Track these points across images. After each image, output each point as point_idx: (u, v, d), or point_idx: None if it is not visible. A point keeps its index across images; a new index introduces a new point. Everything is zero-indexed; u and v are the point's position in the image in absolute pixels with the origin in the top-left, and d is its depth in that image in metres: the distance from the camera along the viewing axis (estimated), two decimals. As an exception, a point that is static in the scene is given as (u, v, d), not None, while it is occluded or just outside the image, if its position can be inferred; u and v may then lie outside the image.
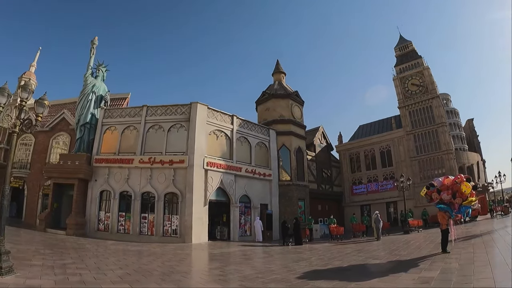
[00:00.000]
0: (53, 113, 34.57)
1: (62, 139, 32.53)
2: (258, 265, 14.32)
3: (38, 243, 17.90)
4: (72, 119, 31.01)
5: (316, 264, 13.68)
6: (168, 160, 24.88)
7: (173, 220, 24.02)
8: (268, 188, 29.42)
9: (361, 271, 11.82)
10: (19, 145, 34.58)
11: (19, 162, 34.03)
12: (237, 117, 28.48)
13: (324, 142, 38.84)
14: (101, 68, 30.18)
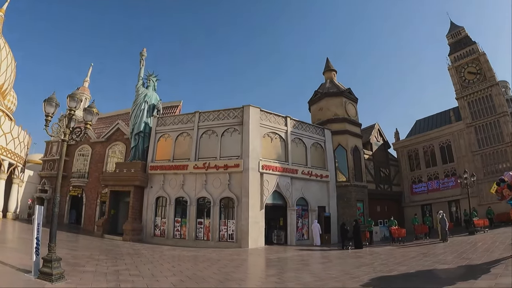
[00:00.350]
0: (108, 124, 35.86)
1: (117, 148, 33.20)
2: (318, 271, 13.40)
3: (94, 249, 17.91)
4: (127, 129, 31.52)
5: (380, 270, 12.50)
6: (222, 164, 24.29)
7: (229, 225, 23.42)
8: (325, 190, 28.03)
9: (430, 277, 10.80)
10: (77, 156, 36.02)
11: (77, 172, 35.30)
12: (291, 118, 27.40)
13: (381, 139, 36.80)
14: (152, 78, 30.44)
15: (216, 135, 25.65)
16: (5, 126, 31.07)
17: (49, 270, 8.72)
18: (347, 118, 30.81)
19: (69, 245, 18.48)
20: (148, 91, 29.64)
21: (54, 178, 36.43)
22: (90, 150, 35.20)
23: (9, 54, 36.06)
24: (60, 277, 8.78)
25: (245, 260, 17.39)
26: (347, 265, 14.91)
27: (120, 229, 25.60)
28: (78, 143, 36.27)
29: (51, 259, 8.85)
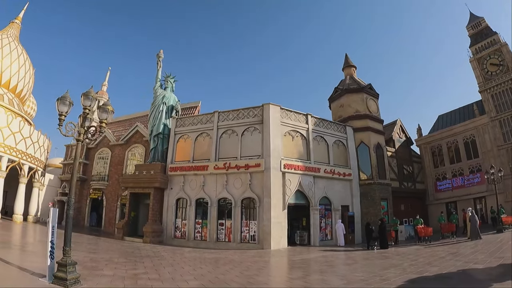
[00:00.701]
0: (127, 126, 35.84)
1: (137, 150, 32.93)
2: (345, 273, 12.69)
3: (113, 252, 17.49)
4: (146, 131, 31.18)
5: (410, 271, 11.71)
6: (243, 164, 23.53)
7: (251, 226, 22.63)
8: (348, 189, 27.03)
9: (465, 278, 10.26)
10: (97, 159, 36.04)
11: (97, 175, 35.24)
12: (312, 115, 26.47)
13: (403, 136, 35.53)
14: (169, 79, 29.94)
15: (236, 134, 24.91)
16: (25, 130, 30.93)
17: (64, 274, 8.41)
18: (369, 115, 29.72)
19: (88, 248, 18.10)
20: (166, 92, 29.16)
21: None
22: (110, 153, 35.06)
23: (26, 60, 36.11)
24: (75, 282, 8.44)
25: (268, 262, 16.72)
26: (375, 266, 14.18)
27: (141, 231, 25.21)
28: (97, 146, 36.39)
29: (65, 263, 8.54)
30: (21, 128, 30.37)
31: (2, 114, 28.84)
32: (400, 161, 33.33)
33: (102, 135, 9.68)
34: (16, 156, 29.91)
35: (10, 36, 35.58)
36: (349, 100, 30.52)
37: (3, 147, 28.60)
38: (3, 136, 28.50)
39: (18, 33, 37.89)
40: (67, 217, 9.52)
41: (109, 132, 35.98)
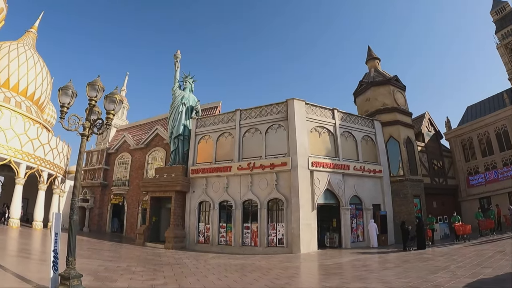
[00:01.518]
0: (147, 130, 34.39)
1: (157, 154, 31.63)
2: (389, 278, 10.77)
3: (131, 259, 16.08)
4: (166, 134, 29.86)
5: (461, 275, 10.10)
6: (268, 163, 21.75)
7: (279, 229, 20.82)
8: (379, 186, 24.86)
9: None
10: (118, 164, 35.06)
11: (118, 180, 34.18)
12: (338, 110, 24.49)
13: (432, 130, 33.08)
14: (188, 79, 28.40)
15: (260, 132, 23.15)
16: (43, 137, 29.85)
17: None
18: (397, 108, 27.56)
19: (105, 255, 16.64)
20: (185, 93, 27.63)
21: (95, 187, 35.24)
22: (130, 158, 33.89)
23: (43, 68, 35.17)
24: (80, 298, 7.22)
25: (299, 268, 15.21)
26: (419, 269, 12.36)
27: (162, 237, 23.80)
28: (117, 151, 35.06)
29: (69, 276, 7.43)
30: (39, 134, 29.33)
31: (19, 121, 27.89)
32: (430, 155, 30.93)
33: (109, 129, 8.27)
34: (34, 162, 28.84)
35: (26, 44, 34.81)
36: (375, 93, 28.41)
37: (21, 153, 27.59)
38: (20, 142, 27.54)
39: (34, 42, 37.13)
40: (70, 223, 8.20)
41: (129, 136, 34.92)
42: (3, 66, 31.16)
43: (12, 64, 31.63)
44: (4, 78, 30.94)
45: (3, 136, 26.24)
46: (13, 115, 27.48)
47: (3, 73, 31.10)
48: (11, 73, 31.36)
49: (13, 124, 26.86)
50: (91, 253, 17.13)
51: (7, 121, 26.70)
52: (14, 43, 33.57)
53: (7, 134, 26.48)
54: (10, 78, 31.30)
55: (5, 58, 31.44)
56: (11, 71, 31.39)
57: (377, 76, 29.12)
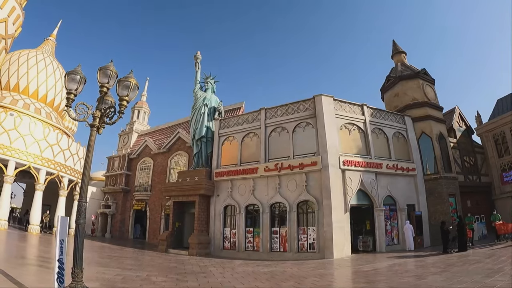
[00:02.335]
0: (168, 134, 33.02)
1: (179, 158, 30.23)
2: (441, 284, 9.34)
3: (153, 267, 14.56)
4: (188, 137, 28.49)
5: None
6: (297, 163, 20.01)
7: (309, 233, 18.97)
8: (413, 185, 22.79)
9: None
10: (140, 169, 33.70)
11: (140, 186, 32.91)
12: (368, 106, 22.63)
13: (463, 125, 30.80)
14: (209, 80, 26.84)
15: (287, 131, 21.45)
16: (63, 143, 28.86)
17: (72, 305, 6.11)
18: (428, 102, 25.47)
19: (125, 263, 15.20)
20: (207, 94, 26.13)
21: (117, 193, 33.94)
22: (152, 162, 32.59)
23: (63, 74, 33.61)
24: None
25: (336, 275, 13.52)
26: (471, 273, 11.06)
27: (186, 243, 22.20)
28: (139, 156, 33.71)
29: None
30: (59, 140, 28.34)
31: (39, 127, 26.98)
32: (463, 152, 28.66)
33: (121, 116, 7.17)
34: (54, 168, 27.83)
35: (44, 52, 34.20)
36: (404, 87, 26.37)
37: (41, 159, 26.60)
38: (40, 148, 26.54)
39: (53, 50, 36.47)
40: (77, 228, 7.00)
41: (150, 141, 33.62)
42: (22, 73, 30.51)
43: (31, 71, 30.94)
44: (23, 85, 30.25)
45: (22, 142, 25.37)
46: (32, 121, 26.68)
47: (22, 80, 30.43)
48: (30, 80, 30.69)
49: (32, 130, 25.98)
50: (109, 261, 15.78)
51: (26, 127, 25.81)
52: (33, 51, 32.96)
53: (27, 140, 25.60)
54: (29, 85, 30.60)
55: (24, 65, 30.83)
56: (30, 78, 30.71)
57: (405, 70, 27.11)
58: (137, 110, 39.86)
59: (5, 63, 30.45)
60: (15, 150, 25.07)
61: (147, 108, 40.68)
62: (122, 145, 37.51)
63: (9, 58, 30.98)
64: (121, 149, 37.16)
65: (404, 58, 28.92)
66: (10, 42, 24.96)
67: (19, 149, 25.23)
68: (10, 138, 25.01)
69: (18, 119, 25.73)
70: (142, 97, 42.01)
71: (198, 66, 26.79)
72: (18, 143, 25.38)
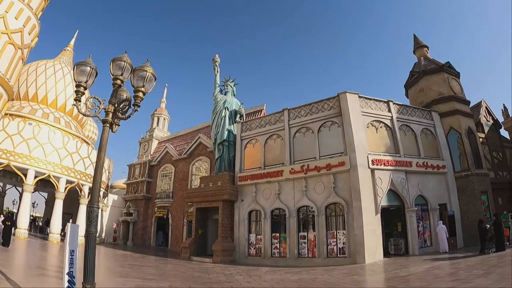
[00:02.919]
0: (189, 140, 31.97)
1: (201, 163, 29.19)
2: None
3: (175, 277, 13.44)
4: (209, 142, 27.53)
5: None
6: (324, 164, 18.84)
7: (339, 237, 17.75)
8: (443, 184, 21.33)
9: None
10: (161, 176, 32.86)
11: (162, 193, 32.07)
12: (394, 102, 21.35)
13: (490, 119, 29.10)
14: (229, 83, 25.84)
15: (311, 132, 20.32)
16: (82, 151, 28.24)
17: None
18: (455, 96, 24.02)
19: (146, 273, 14.15)
20: (227, 97, 25.17)
21: (138, 201, 33.18)
22: (173, 169, 31.66)
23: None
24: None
25: (372, 282, 12.45)
26: None
27: (210, 250, 21.19)
28: (160, 163, 32.91)
29: None
30: (78, 148, 27.71)
31: (58, 135, 26.42)
32: (491, 147, 27.04)
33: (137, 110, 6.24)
34: (74, 177, 27.22)
35: (62, 62, 33.80)
36: (429, 82, 24.97)
37: (60, 168, 26.00)
38: (59, 157, 25.96)
39: (71, 60, 36.00)
40: (87, 236, 6.05)
41: (171, 147, 32.75)
42: (40, 83, 30.11)
43: (49, 81, 30.52)
44: (42, 95, 29.82)
45: (41, 150, 24.82)
46: (51, 130, 26.11)
47: (41, 90, 30.01)
48: (48, 89, 30.26)
49: (51, 138, 25.48)
50: (130, 270, 14.85)
51: (45, 136, 25.30)
52: (51, 61, 32.56)
53: (46, 149, 25.07)
54: (48, 94, 30.17)
55: (42, 75, 30.45)
56: (48, 87, 30.29)
57: (429, 64, 25.71)
58: (156, 117, 39.12)
59: (23, 74, 30.04)
60: (34, 159, 24.53)
61: (166, 115, 39.99)
62: (142, 153, 36.84)
63: (27, 68, 30.66)
64: (141, 157, 36.48)
65: (426, 52, 27.49)
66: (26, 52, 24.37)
67: (38, 158, 24.67)
68: (29, 147, 24.49)
69: (37, 128, 25.20)
70: (162, 104, 41.40)
71: (217, 69, 25.83)
72: (37, 152, 24.85)
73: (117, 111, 6.87)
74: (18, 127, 24.75)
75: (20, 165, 24.19)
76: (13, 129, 24.52)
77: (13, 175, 30.07)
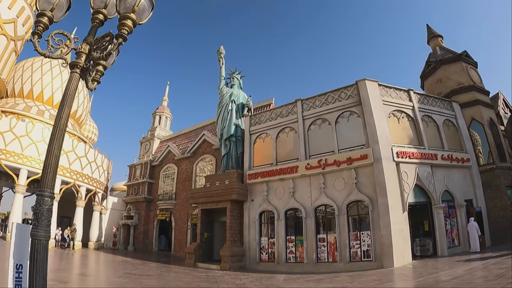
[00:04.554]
0: (192, 138, 28.83)
1: (206, 162, 26.08)
2: None
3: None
4: (214, 139, 24.70)
5: None
6: (344, 158, 16.20)
7: (363, 238, 15.01)
8: (468, 178, 18.71)
9: None
10: (163, 177, 29.64)
11: (164, 194, 28.78)
12: (414, 91, 18.78)
13: (508, 111, 26.69)
14: (235, 76, 23.09)
15: (328, 123, 17.65)
16: (79, 149, 25.28)
17: None
18: (475, 86, 21.54)
19: (145, 284, 11.61)
20: (234, 89, 22.43)
21: (139, 203, 30.11)
22: (176, 169, 28.48)
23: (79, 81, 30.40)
24: None
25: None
26: None
27: (216, 255, 18.61)
28: (162, 163, 29.96)
29: None
30: (74, 147, 24.70)
31: (50, 132, 23.22)
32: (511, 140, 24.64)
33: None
34: (70, 177, 24.22)
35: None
36: (447, 72, 22.44)
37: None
38: None
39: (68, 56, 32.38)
40: (35, 244, 3.32)
41: (173, 146, 29.67)
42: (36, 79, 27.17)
43: (45, 77, 27.58)
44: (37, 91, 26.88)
45: (34, 149, 21.95)
46: (45, 127, 23.13)
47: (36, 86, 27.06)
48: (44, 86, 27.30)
49: (45, 136, 22.38)
50: (127, 281, 11.97)
51: (39, 133, 22.44)
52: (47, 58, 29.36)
53: (39, 147, 22.08)
54: (43, 91, 27.24)
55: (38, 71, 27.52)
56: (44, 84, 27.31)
57: (445, 54, 23.25)
58: (158, 116, 36.23)
59: (18, 70, 27.42)
60: (27, 158, 21.69)
61: (168, 113, 37.11)
62: (143, 153, 33.86)
63: (23, 65, 27.93)
64: (142, 157, 33.50)
65: (441, 42, 24.98)
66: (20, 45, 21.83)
67: (31, 157, 21.82)
68: (22, 145, 21.67)
69: (30, 125, 22.38)
70: (163, 102, 38.65)
71: (222, 61, 23.22)
72: (30, 150, 22.02)
73: (94, 51, 4.37)
74: (11, 124, 21.99)
75: (11, 164, 21.40)
76: (5, 126, 21.77)
77: (9, 177, 27.45)
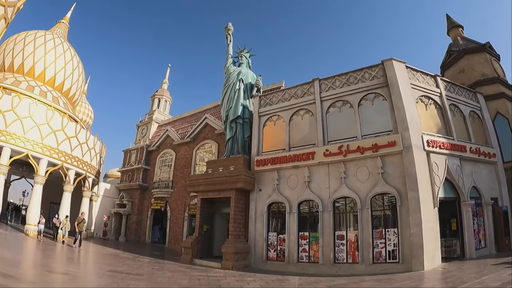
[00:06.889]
0: (193, 122, 25.70)
1: (207, 148, 23.10)
2: None
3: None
4: (217, 123, 21.81)
5: None
6: (369, 145, 13.52)
7: (389, 237, 12.35)
8: (494, 174, 16.16)
9: None
10: (160, 163, 26.56)
11: (160, 182, 25.55)
12: (441, 77, 16.20)
13: (524, 107, 24.47)
14: (244, 54, 20.18)
15: (350, 106, 14.88)
16: (69, 129, 21.90)
17: None
18: (500, 78, 19.09)
19: (132, 284, 8.82)
20: (242, 68, 19.47)
21: (133, 191, 26.88)
22: (174, 155, 25.30)
23: (74, 57, 27.58)
24: None
25: None
26: None
27: (216, 251, 16.29)
28: (159, 148, 26.69)
29: None
30: (64, 125, 21.37)
31: (41, 109, 20.30)
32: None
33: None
34: (58, 158, 20.90)
35: (55, 33, 27.44)
36: (470, 62, 19.87)
37: (41, 147, 19.71)
38: (41, 134, 19.73)
39: (65, 33, 29.83)
40: None
41: (172, 130, 26.52)
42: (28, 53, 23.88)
43: (38, 51, 24.22)
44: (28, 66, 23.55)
45: (20, 125, 18.66)
46: (33, 102, 19.87)
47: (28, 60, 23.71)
48: (36, 61, 23.97)
49: (32, 112, 19.26)
50: (110, 281, 8.94)
51: (25, 109, 19.17)
52: (42, 31, 26.14)
53: (25, 124, 18.89)
54: (35, 66, 23.91)
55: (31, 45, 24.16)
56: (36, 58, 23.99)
57: (468, 43, 20.74)
58: (157, 99, 33.22)
59: (10, 43, 24.16)
60: (10, 135, 18.47)
61: (168, 97, 34.14)
62: (140, 137, 30.68)
63: (15, 38, 24.65)
64: (139, 142, 30.26)
65: (462, 32, 22.49)
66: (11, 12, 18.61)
67: (15, 134, 18.65)
68: (6, 121, 18.48)
69: (16, 99, 19.19)
70: (163, 84, 35.69)
71: (230, 38, 20.23)
72: (15, 126, 18.85)
73: None
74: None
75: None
76: (-12, 100, 18.44)
77: (19, 165, 24.33)
